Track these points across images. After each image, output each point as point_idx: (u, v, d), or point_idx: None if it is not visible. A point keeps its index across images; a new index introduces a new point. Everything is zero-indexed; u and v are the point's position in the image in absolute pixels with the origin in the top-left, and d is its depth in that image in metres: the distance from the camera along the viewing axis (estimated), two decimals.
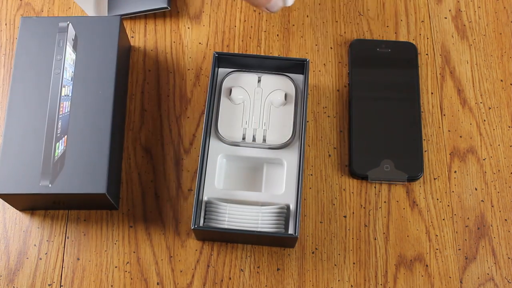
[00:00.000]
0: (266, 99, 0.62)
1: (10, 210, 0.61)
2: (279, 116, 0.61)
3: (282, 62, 0.62)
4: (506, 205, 0.61)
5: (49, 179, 0.56)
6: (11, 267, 0.59)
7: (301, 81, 0.63)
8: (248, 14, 0.70)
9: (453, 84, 0.67)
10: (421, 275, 0.59)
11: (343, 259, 0.59)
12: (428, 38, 0.69)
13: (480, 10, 0.71)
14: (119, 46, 0.61)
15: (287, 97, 0.62)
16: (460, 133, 0.64)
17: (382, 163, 0.62)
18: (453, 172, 0.63)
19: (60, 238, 0.60)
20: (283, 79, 0.63)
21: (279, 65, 0.62)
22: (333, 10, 0.70)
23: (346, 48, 0.68)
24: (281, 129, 0.61)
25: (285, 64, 0.62)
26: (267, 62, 0.62)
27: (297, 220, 0.55)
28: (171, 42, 0.68)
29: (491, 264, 0.59)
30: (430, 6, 0.71)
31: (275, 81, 0.63)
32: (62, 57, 0.60)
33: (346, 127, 0.64)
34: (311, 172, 0.62)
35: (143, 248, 0.59)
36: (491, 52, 0.68)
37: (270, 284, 0.58)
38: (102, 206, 0.60)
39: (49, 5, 0.70)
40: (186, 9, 0.70)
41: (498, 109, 0.66)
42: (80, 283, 0.58)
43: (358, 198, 0.62)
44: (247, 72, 0.63)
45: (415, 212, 0.61)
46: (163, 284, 0.58)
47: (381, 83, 0.66)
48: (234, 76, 0.63)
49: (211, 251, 0.59)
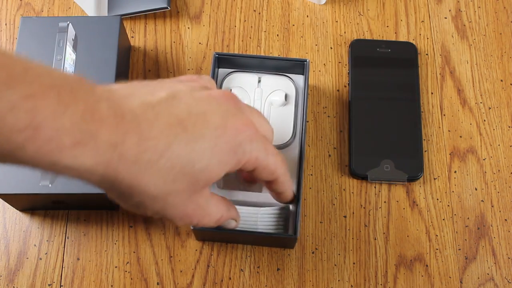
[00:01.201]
0: (266, 99, 0.62)
1: (10, 210, 0.61)
2: (279, 117, 0.61)
3: (282, 62, 0.62)
4: (506, 205, 0.61)
5: (49, 179, 0.56)
6: (11, 267, 0.59)
7: (301, 82, 0.63)
8: (248, 14, 0.70)
9: (453, 84, 0.67)
10: (421, 275, 0.59)
11: (343, 259, 0.59)
12: (428, 38, 0.69)
13: (480, 10, 0.71)
14: (119, 46, 0.61)
15: (287, 97, 0.62)
16: (460, 133, 0.64)
17: (382, 163, 0.62)
18: (453, 172, 0.63)
19: (60, 238, 0.60)
20: (283, 80, 0.63)
21: (279, 65, 0.62)
22: (333, 10, 0.70)
23: (346, 48, 0.68)
24: (281, 130, 0.61)
25: (285, 64, 0.62)
26: (267, 63, 0.62)
27: (297, 221, 0.54)
28: (171, 42, 0.68)
29: (491, 264, 0.59)
30: (430, 6, 0.71)
31: (275, 82, 0.63)
32: (62, 57, 0.60)
33: (346, 127, 0.64)
34: (311, 172, 0.62)
35: (143, 248, 0.59)
36: (491, 52, 0.68)
37: (270, 284, 0.58)
38: (102, 206, 0.60)
39: (49, 5, 0.70)
40: (186, 9, 0.70)
41: (498, 109, 0.66)
42: (80, 283, 0.58)
43: (358, 198, 0.62)
44: (247, 73, 0.63)
45: (415, 212, 0.61)
46: (163, 284, 0.58)
47: (381, 83, 0.66)
48: (234, 77, 0.63)
49: (211, 251, 0.59)
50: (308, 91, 0.61)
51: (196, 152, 0.40)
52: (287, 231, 0.57)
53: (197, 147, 0.40)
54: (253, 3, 0.71)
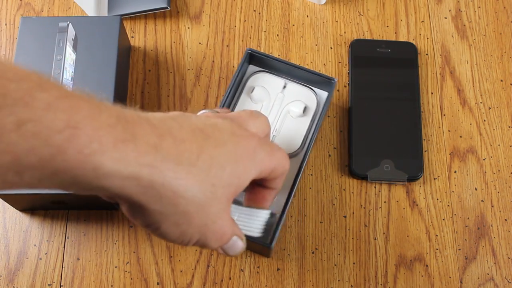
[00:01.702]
0: (285, 107, 0.62)
1: (10, 210, 0.61)
2: (293, 127, 0.61)
3: (311, 75, 0.61)
4: (506, 205, 0.61)
5: None
6: (11, 267, 0.59)
7: (324, 97, 0.62)
8: (248, 14, 0.70)
9: (453, 84, 0.67)
10: (421, 275, 0.59)
11: (343, 259, 0.59)
12: (428, 38, 0.69)
13: (480, 10, 0.71)
14: (119, 46, 0.61)
15: (306, 110, 0.61)
16: (460, 133, 0.64)
17: (382, 163, 0.62)
18: (453, 172, 0.63)
19: (60, 238, 0.60)
20: (307, 91, 0.62)
21: (306, 77, 0.62)
22: (333, 10, 0.70)
23: (346, 48, 0.68)
24: (291, 139, 0.60)
25: (313, 77, 0.61)
26: (296, 71, 0.61)
27: (277, 230, 0.53)
28: (171, 42, 0.68)
29: (491, 264, 0.59)
30: (430, 6, 0.71)
31: (299, 91, 0.62)
32: (62, 57, 0.60)
33: (346, 127, 0.64)
34: (311, 172, 0.62)
35: (143, 248, 0.59)
36: (491, 52, 0.68)
37: (270, 284, 0.58)
38: (102, 206, 0.60)
39: (49, 5, 0.70)
40: (186, 9, 0.70)
41: (498, 109, 0.66)
42: (80, 283, 0.58)
43: (358, 198, 0.62)
44: (275, 75, 0.63)
45: (415, 212, 0.61)
46: (163, 284, 0.58)
47: (381, 83, 0.66)
48: (261, 76, 0.63)
49: (211, 251, 0.59)
50: (328, 109, 0.60)
51: (225, 156, 0.40)
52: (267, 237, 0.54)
53: (224, 151, 0.40)
54: (253, 3, 0.71)
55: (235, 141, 0.41)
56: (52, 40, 0.61)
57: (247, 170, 0.42)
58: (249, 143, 0.42)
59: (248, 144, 0.42)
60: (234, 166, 0.40)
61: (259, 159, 0.43)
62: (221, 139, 0.40)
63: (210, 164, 0.39)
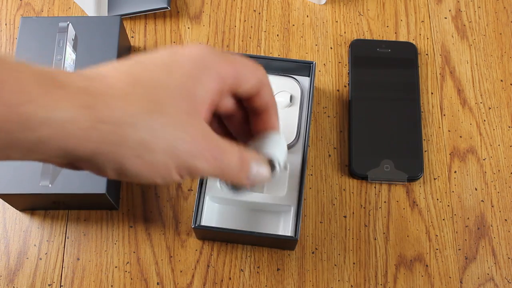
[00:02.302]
0: None
1: (10, 210, 0.61)
2: (284, 118, 0.61)
3: (288, 63, 0.62)
4: (506, 205, 0.61)
5: (49, 179, 0.56)
6: (11, 267, 0.59)
7: (307, 83, 0.63)
8: (248, 14, 0.70)
9: (453, 84, 0.67)
10: (421, 275, 0.59)
11: (343, 259, 0.59)
12: (428, 38, 0.69)
13: (480, 10, 0.71)
14: (119, 46, 0.61)
15: (292, 99, 0.62)
16: (460, 133, 0.64)
17: (382, 163, 0.62)
18: (453, 172, 0.63)
19: (60, 238, 0.60)
20: (288, 81, 0.63)
21: (284, 67, 0.62)
22: (333, 10, 0.70)
23: (346, 48, 0.68)
24: (285, 131, 0.60)
25: (291, 65, 0.62)
26: (273, 63, 0.62)
27: (298, 222, 0.54)
28: (171, 42, 0.68)
29: (491, 264, 0.59)
30: (430, 6, 0.71)
31: (281, 83, 0.63)
32: (62, 57, 0.60)
33: (346, 127, 0.64)
34: (311, 172, 0.62)
35: (143, 248, 0.59)
36: (491, 52, 0.68)
37: (270, 284, 0.58)
38: (102, 206, 0.60)
39: (49, 5, 0.70)
40: (186, 9, 0.70)
41: (498, 109, 0.66)
42: (80, 283, 0.58)
43: (358, 198, 0.62)
44: None
45: (415, 212, 0.61)
46: (163, 284, 0.58)
47: (381, 83, 0.66)
48: None
49: (211, 251, 0.59)
50: (313, 93, 0.61)
51: (159, 73, 0.38)
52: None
53: (159, 69, 0.38)
54: (253, 3, 0.71)
55: (171, 52, 0.40)
56: (52, 40, 0.61)
57: (193, 75, 0.38)
58: (191, 52, 0.40)
59: (188, 53, 0.40)
60: (175, 78, 0.38)
61: (210, 64, 0.39)
62: (152, 63, 0.38)
63: (147, 85, 0.36)
